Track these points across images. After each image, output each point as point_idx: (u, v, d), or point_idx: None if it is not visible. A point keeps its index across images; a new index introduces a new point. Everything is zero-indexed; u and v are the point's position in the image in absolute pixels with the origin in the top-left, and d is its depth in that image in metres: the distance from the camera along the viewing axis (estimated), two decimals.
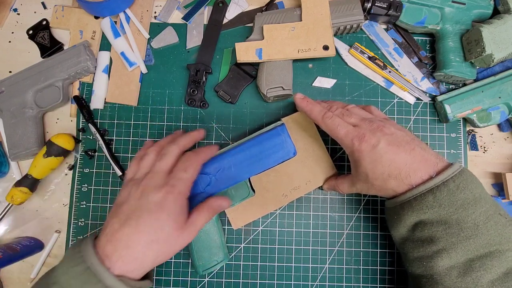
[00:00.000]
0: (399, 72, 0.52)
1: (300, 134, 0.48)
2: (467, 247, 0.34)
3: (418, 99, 0.52)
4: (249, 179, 0.46)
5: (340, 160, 0.51)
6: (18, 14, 0.54)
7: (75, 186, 0.51)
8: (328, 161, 0.48)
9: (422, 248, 0.36)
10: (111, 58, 0.52)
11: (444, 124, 0.52)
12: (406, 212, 0.37)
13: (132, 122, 0.52)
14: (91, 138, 0.52)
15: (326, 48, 0.48)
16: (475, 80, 0.51)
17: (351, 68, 0.53)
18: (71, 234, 0.50)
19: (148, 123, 0.52)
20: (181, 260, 0.50)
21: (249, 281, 0.49)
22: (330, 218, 0.51)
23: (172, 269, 0.50)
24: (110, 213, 0.36)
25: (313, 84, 0.52)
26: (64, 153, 0.48)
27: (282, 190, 0.47)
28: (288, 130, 0.47)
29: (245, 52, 0.48)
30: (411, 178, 0.36)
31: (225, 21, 0.53)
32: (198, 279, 0.49)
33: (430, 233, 0.36)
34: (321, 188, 0.48)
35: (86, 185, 0.51)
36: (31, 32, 0.53)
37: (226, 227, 0.50)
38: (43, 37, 0.53)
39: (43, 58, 0.53)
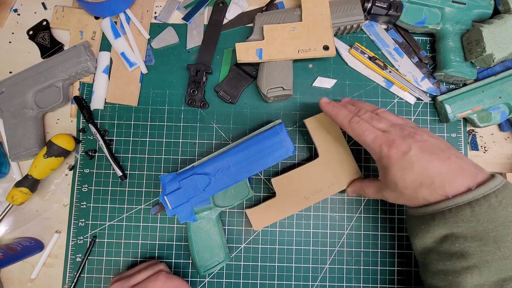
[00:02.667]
0: (400, 72, 0.52)
1: (324, 136, 0.47)
2: (502, 266, 0.32)
3: (418, 99, 0.52)
4: (248, 178, 0.46)
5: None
6: (18, 14, 0.54)
7: (75, 187, 0.51)
8: (353, 164, 0.47)
9: (449, 261, 0.34)
10: (111, 59, 0.52)
11: (445, 124, 0.52)
12: (437, 223, 0.35)
13: (132, 123, 0.52)
14: (91, 138, 0.52)
15: (326, 48, 0.48)
16: (476, 80, 0.51)
17: (352, 68, 0.53)
18: (71, 234, 0.50)
19: (148, 123, 0.52)
20: (182, 261, 0.50)
21: (250, 281, 0.49)
22: (331, 218, 0.50)
23: (173, 270, 0.50)
24: None
25: (313, 84, 0.52)
26: (65, 153, 0.48)
27: (304, 192, 0.47)
28: (311, 131, 0.47)
29: (245, 52, 0.48)
30: (445, 188, 0.33)
31: (225, 21, 0.53)
32: (198, 279, 0.49)
33: (462, 247, 0.33)
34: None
35: (86, 186, 0.51)
36: (31, 32, 0.53)
37: (226, 227, 0.50)
38: (43, 37, 0.53)
39: (43, 58, 0.53)
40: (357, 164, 0.47)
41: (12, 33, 0.54)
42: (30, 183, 0.48)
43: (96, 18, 0.53)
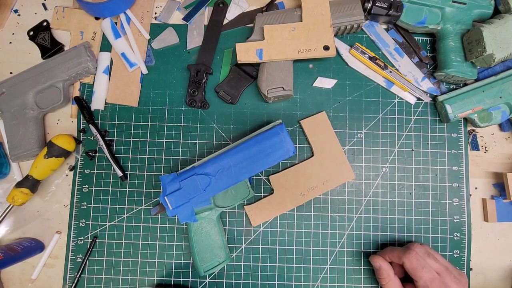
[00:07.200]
0: (400, 72, 0.52)
1: (318, 136, 0.50)
2: None
3: (419, 99, 0.52)
4: (249, 178, 0.46)
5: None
6: (19, 15, 0.54)
7: (76, 187, 0.51)
8: (345, 163, 0.50)
9: None
10: (111, 59, 0.52)
11: (445, 124, 0.52)
12: None
13: (132, 123, 0.52)
14: (92, 139, 0.52)
15: (326, 48, 0.48)
16: (476, 80, 0.51)
17: (352, 68, 0.53)
18: (72, 235, 0.50)
19: (149, 123, 0.52)
20: (182, 261, 0.50)
21: (250, 281, 0.49)
22: (331, 218, 0.50)
23: (173, 270, 0.50)
24: None
25: (313, 85, 0.52)
26: (65, 154, 0.48)
27: (300, 189, 0.49)
28: (306, 131, 0.49)
29: (246, 52, 0.48)
30: None
31: (225, 21, 0.53)
32: (199, 279, 0.49)
33: None
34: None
35: (86, 186, 0.51)
36: (31, 33, 0.53)
37: (227, 227, 0.50)
38: (43, 38, 0.53)
39: (43, 59, 0.53)
40: (349, 163, 0.50)
41: (13, 33, 0.54)
42: (30, 184, 0.48)
43: (97, 18, 0.53)
